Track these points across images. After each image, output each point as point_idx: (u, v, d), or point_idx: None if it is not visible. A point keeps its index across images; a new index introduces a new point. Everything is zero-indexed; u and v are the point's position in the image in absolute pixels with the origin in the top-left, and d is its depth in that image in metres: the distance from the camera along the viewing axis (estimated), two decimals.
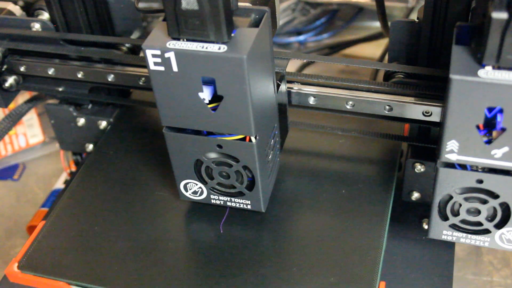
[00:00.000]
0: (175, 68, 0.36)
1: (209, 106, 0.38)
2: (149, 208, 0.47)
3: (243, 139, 0.40)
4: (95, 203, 0.48)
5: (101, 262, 0.43)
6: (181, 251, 0.44)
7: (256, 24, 0.37)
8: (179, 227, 0.46)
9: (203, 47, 0.35)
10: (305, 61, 0.72)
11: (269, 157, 0.43)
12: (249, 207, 0.44)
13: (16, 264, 0.43)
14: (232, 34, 0.36)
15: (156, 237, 0.45)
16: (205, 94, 0.37)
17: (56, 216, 0.47)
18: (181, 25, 0.35)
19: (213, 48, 0.35)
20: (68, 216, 0.47)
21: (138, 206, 0.47)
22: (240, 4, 0.37)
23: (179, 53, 0.35)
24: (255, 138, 0.39)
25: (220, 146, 0.40)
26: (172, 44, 0.36)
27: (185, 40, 0.36)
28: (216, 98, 0.37)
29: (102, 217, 0.47)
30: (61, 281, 0.42)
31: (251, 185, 0.42)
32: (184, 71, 0.36)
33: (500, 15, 0.31)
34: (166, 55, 0.36)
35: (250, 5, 0.38)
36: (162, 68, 0.36)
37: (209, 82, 0.37)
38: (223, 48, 0.35)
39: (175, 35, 0.36)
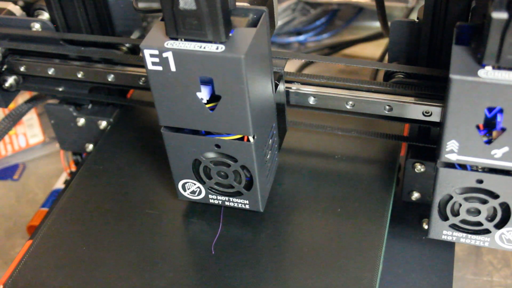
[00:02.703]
0: (173, 68, 0.36)
1: (207, 106, 0.38)
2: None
3: (241, 138, 0.39)
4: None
5: (90, 283, 0.42)
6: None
7: (254, 24, 0.37)
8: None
9: (201, 47, 0.35)
10: (303, 61, 0.71)
11: (267, 157, 0.43)
12: (247, 207, 0.44)
13: (1, 287, 0.42)
14: (230, 34, 0.36)
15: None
16: (203, 94, 0.37)
17: (43, 235, 0.45)
18: (179, 25, 0.35)
19: (211, 48, 0.35)
20: (55, 234, 0.45)
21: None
22: (238, 4, 0.37)
23: (177, 53, 0.35)
24: (253, 137, 0.39)
25: (218, 146, 0.40)
26: (170, 44, 0.36)
27: (183, 40, 0.36)
28: (214, 98, 0.37)
29: (94, 229, 0.45)
30: None
31: (249, 185, 0.42)
32: (182, 71, 0.36)
33: (500, 15, 0.31)
34: (164, 55, 0.35)
35: (248, 5, 0.38)
36: (160, 68, 0.36)
37: (207, 82, 0.37)
38: (221, 48, 0.35)
39: (173, 35, 0.36)
